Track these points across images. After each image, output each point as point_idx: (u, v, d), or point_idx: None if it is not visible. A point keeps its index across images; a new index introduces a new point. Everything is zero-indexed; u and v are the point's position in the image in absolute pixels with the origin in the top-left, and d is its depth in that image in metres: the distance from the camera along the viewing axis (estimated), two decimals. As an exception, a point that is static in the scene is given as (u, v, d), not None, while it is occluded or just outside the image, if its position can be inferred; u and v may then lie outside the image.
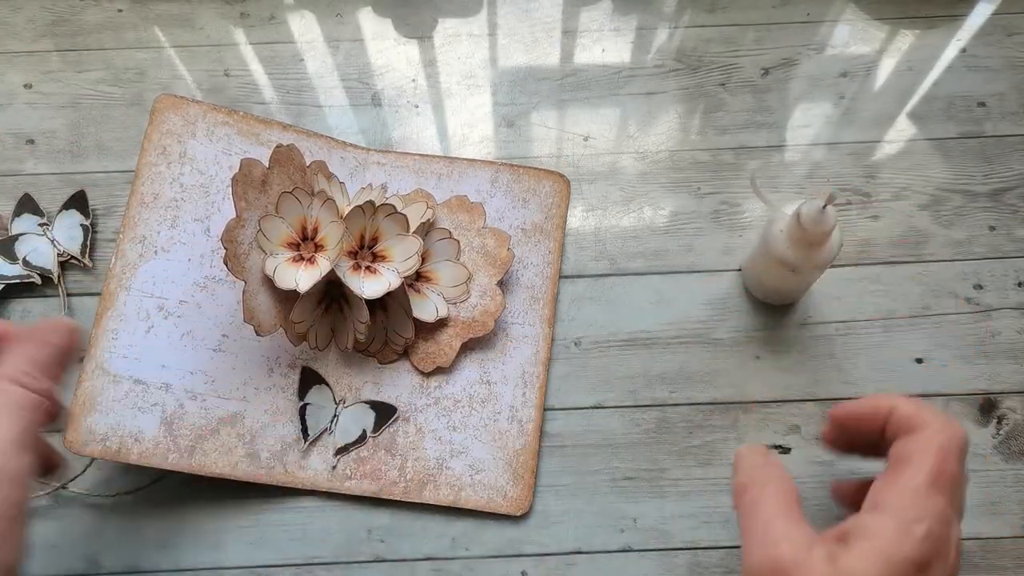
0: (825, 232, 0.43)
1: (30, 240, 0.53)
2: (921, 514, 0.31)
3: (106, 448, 0.46)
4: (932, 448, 0.33)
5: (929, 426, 0.34)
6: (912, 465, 0.33)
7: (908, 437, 0.34)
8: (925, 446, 0.33)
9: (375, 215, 0.48)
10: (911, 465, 0.33)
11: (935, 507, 0.31)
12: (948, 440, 0.33)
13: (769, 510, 0.34)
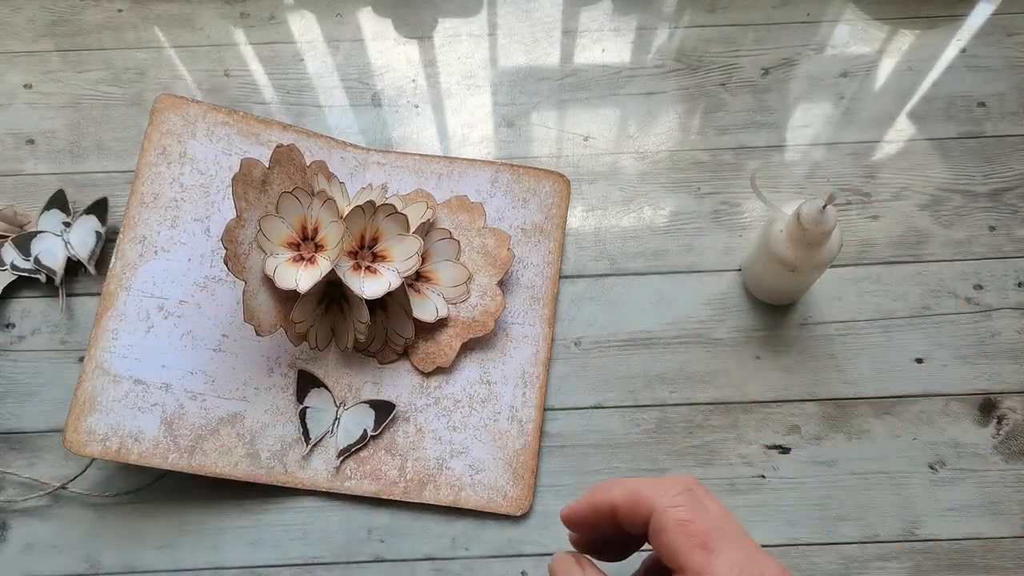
0: (825, 232, 0.43)
1: (46, 239, 0.53)
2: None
3: (106, 448, 0.46)
4: (677, 531, 0.27)
5: (651, 500, 0.28)
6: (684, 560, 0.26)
7: (653, 531, 0.28)
8: (672, 536, 0.27)
9: (375, 215, 0.48)
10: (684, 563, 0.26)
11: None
12: (678, 505, 0.27)
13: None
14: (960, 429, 0.50)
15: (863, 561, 0.47)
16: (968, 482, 0.48)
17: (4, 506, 0.48)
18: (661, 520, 0.27)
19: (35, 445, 0.50)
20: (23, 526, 0.48)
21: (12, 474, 0.49)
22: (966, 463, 0.49)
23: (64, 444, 0.46)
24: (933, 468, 0.49)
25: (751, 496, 0.48)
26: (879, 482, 0.49)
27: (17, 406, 0.51)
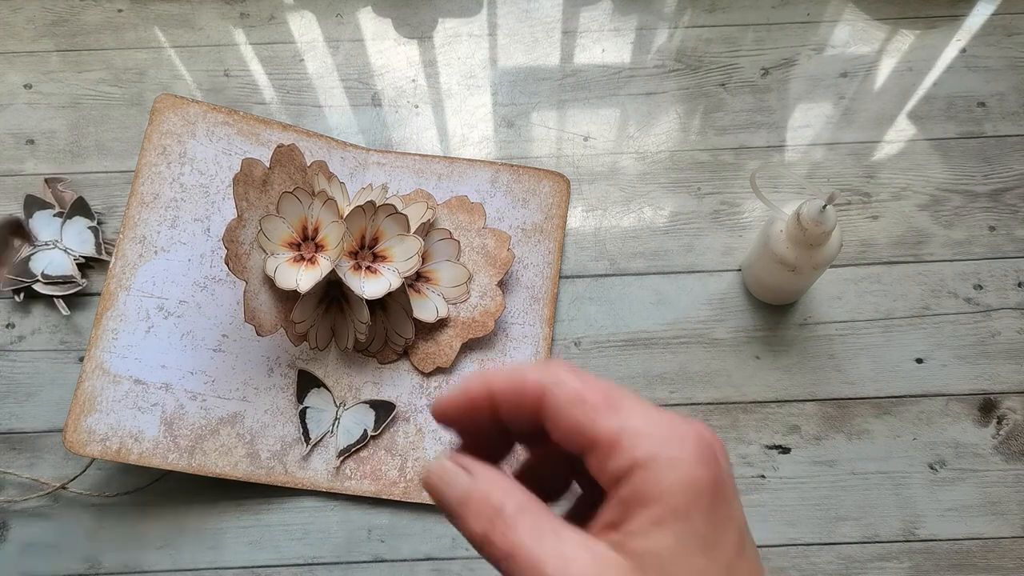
0: (825, 232, 0.43)
1: (42, 255, 0.53)
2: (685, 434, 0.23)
3: (106, 448, 0.46)
4: (576, 403, 0.23)
5: (538, 382, 0.24)
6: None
7: (549, 414, 0.24)
8: (572, 410, 0.23)
9: (376, 215, 0.48)
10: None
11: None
12: (566, 380, 0.23)
13: (528, 543, 0.23)
14: (960, 429, 0.50)
15: (863, 561, 0.47)
16: (968, 482, 0.48)
17: (4, 506, 0.48)
18: (555, 398, 0.24)
19: (35, 445, 0.50)
20: (23, 526, 0.48)
21: (12, 474, 0.49)
22: (966, 463, 0.49)
23: (64, 444, 0.46)
24: (933, 468, 0.49)
25: (751, 496, 0.48)
26: (879, 482, 0.49)
27: (17, 406, 0.51)
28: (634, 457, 0.23)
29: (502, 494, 0.23)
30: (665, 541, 0.22)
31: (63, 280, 0.52)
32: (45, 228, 0.54)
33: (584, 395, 0.24)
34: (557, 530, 0.23)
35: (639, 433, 0.23)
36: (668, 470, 0.23)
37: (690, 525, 0.22)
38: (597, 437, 0.23)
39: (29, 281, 0.52)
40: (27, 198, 0.54)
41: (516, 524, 0.23)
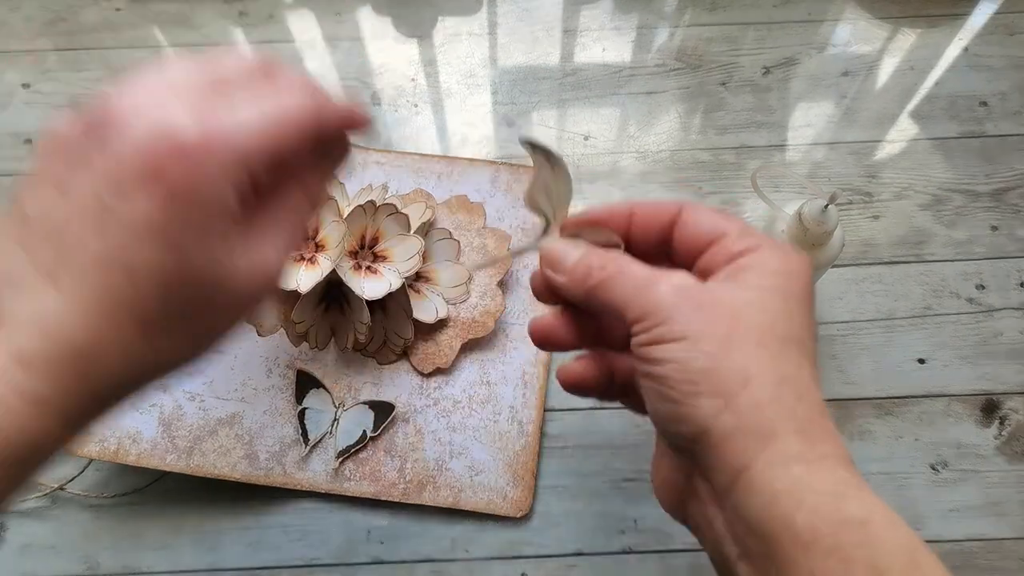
0: (827, 232, 0.43)
1: None
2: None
3: (104, 449, 0.46)
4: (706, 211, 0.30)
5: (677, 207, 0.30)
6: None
7: (682, 220, 0.30)
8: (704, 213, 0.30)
9: (376, 215, 0.48)
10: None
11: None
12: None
13: (634, 268, 0.29)
14: (962, 430, 0.49)
15: (865, 562, 0.47)
16: (970, 483, 0.48)
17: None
18: (694, 207, 0.30)
19: (33, 446, 0.50)
20: (21, 527, 0.48)
21: (10, 475, 0.49)
22: (968, 464, 0.49)
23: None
24: (935, 469, 0.49)
25: (752, 497, 0.48)
26: (881, 483, 0.48)
27: (15, 407, 0.50)
28: (755, 242, 0.29)
29: (608, 256, 0.29)
30: (768, 281, 0.28)
31: None
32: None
33: (715, 210, 0.30)
34: (665, 270, 0.28)
35: (757, 233, 0.29)
36: (780, 254, 0.28)
37: (789, 282, 0.28)
38: (728, 230, 0.29)
39: None
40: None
41: (620, 260, 0.29)
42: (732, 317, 0.27)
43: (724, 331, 0.26)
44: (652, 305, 0.27)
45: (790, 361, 0.27)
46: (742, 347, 0.26)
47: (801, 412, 0.26)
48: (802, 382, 0.27)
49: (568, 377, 0.33)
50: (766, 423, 0.26)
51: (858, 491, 0.26)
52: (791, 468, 0.25)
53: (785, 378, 0.26)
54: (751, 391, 0.26)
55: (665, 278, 0.28)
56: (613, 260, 0.29)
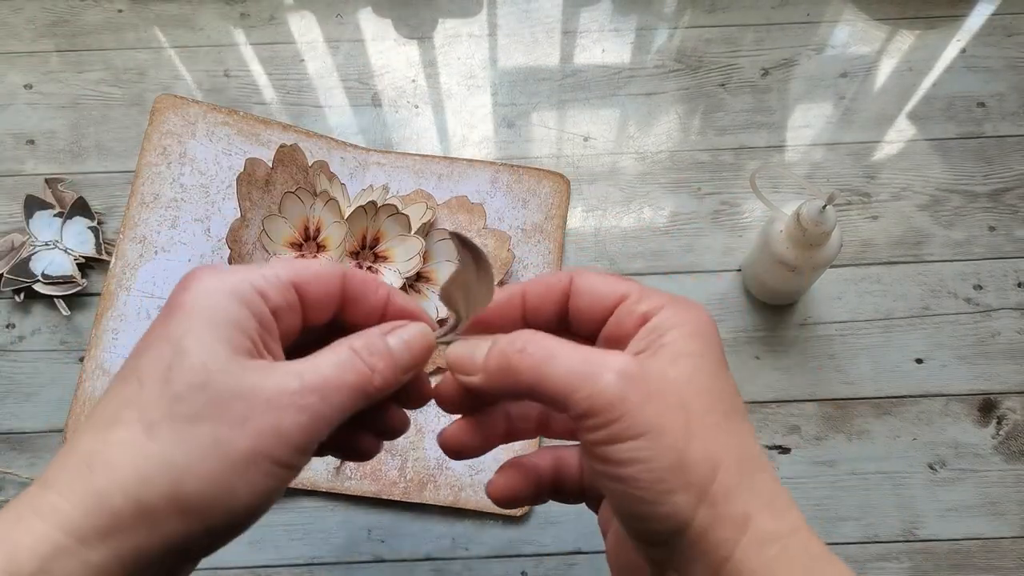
0: (825, 232, 0.43)
1: (42, 256, 0.53)
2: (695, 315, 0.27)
3: (106, 448, 0.46)
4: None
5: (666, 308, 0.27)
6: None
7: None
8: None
9: (377, 215, 0.48)
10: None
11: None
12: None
13: (556, 347, 0.26)
14: (960, 429, 0.50)
15: (863, 561, 0.47)
16: (968, 482, 0.48)
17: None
18: (584, 276, 0.29)
19: (35, 445, 0.50)
20: (23, 526, 0.48)
21: (12, 474, 0.49)
22: (966, 463, 0.49)
23: (64, 444, 0.46)
24: (933, 468, 0.49)
25: (751, 496, 0.48)
26: (879, 482, 0.49)
27: (17, 406, 0.51)
28: (659, 301, 0.27)
29: (522, 336, 0.27)
30: (695, 345, 0.27)
31: (63, 280, 0.52)
32: (45, 228, 0.54)
33: (606, 274, 0.29)
34: (593, 348, 0.27)
35: (655, 291, 0.28)
36: (686, 313, 0.27)
37: (708, 345, 0.27)
38: (629, 291, 0.28)
39: (29, 281, 0.52)
40: (27, 198, 0.54)
41: (540, 340, 0.27)
42: (682, 403, 0.25)
43: (681, 420, 0.25)
44: (602, 399, 0.25)
45: (739, 433, 0.26)
46: (701, 433, 0.25)
47: (763, 485, 0.26)
48: (754, 452, 0.26)
49: (499, 494, 0.32)
50: (740, 508, 0.25)
51: (829, 564, 0.25)
52: (767, 549, 0.25)
53: (743, 455, 0.26)
54: (721, 478, 0.25)
55: (605, 364, 0.26)
56: (530, 340, 0.27)
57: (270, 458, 0.24)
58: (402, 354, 0.28)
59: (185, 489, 0.23)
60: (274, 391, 0.24)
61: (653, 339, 0.27)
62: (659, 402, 0.25)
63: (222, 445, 0.24)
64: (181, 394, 0.24)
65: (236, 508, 0.24)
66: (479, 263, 0.28)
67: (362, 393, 0.26)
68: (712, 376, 0.26)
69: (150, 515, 0.23)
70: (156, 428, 0.23)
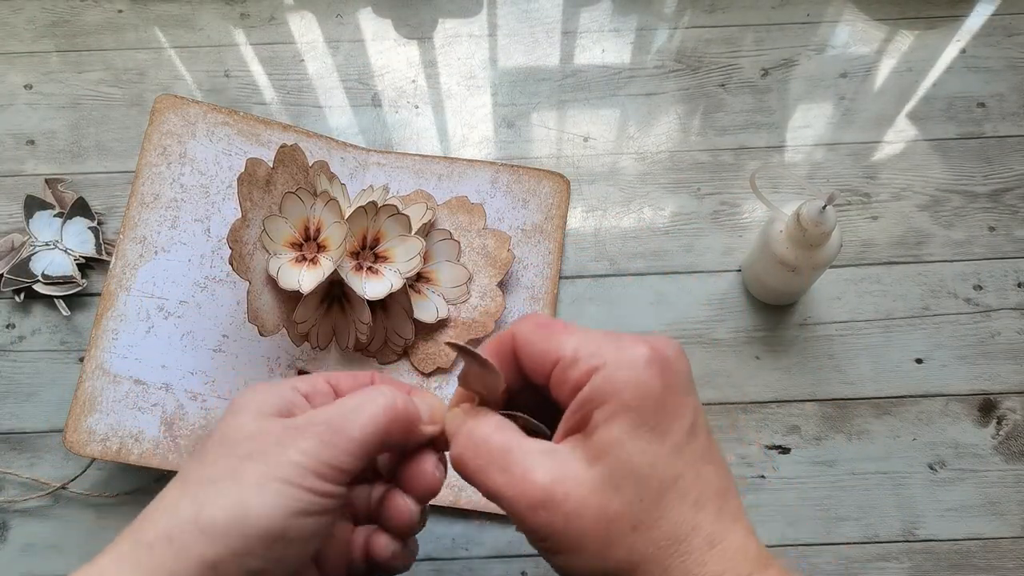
0: (825, 232, 0.43)
1: (42, 256, 0.53)
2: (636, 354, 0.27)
3: (106, 448, 0.46)
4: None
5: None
6: None
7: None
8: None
9: (377, 216, 0.48)
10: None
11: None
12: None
13: (498, 455, 0.28)
14: (960, 429, 0.50)
15: (863, 561, 0.47)
16: (968, 482, 0.48)
17: (4, 506, 0.48)
18: (522, 332, 0.30)
19: (35, 445, 0.50)
20: (23, 526, 0.48)
21: (12, 474, 0.49)
22: (966, 463, 0.49)
23: (64, 444, 0.46)
24: (933, 468, 0.49)
25: (751, 496, 0.48)
26: (879, 482, 0.49)
27: (17, 406, 0.51)
28: (591, 365, 0.27)
29: (483, 427, 0.29)
30: (618, 430, 0.27)
31: (63, 280, 0.52)
32: (45, 228, 0.54)
33: (545, 322, 0.30)
34: (522, 445, 0.28)
35: (594, 349, 0.28)
36: (619, 372, 0.27)
37: (640, 416, 0.27)
38: (561, 354, 0.28)
39: (29, 281, 0.52)
40: (27, 198, 0.54)
41: (489, 445, 0.29)
42: (600, 513, 0.26)
43: (600, 532, 0.26)
44: (529, 524, 0.27)
45: (672, 514, 0.26)
46: (618, 540, 0.26)
47: (694, 560, 0.26)
48: (685, 526, 0.26)
49: None
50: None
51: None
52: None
53: (671, 539, 0.26)
54: (643, 572, 0.26)
55: (525, 493, 0.27)
56: (475, 440, 0.29)
57: (279, 479, 0.27)
58: (412, 405, 0.31)
59: (204, 513, 0.26)
60: (285, 425, 0.28)
61: (580, 420, 0.28)
62: (577, 522, 0.26)
63: (236, 474, 0.27)
64: (207, 450, 0.28)
65: (251, 527, 0.26)
66: (485, 367, 0.30)
67: (373, 420, 0.29)
68: (640, 451, 0.26)
69: (176, 540, 0.26)
70: (186, 483, 0.28)
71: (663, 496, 0.27)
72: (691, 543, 0.26)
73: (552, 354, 0.29)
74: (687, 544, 0.26)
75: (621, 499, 0.26)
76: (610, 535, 0.26)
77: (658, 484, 0.27)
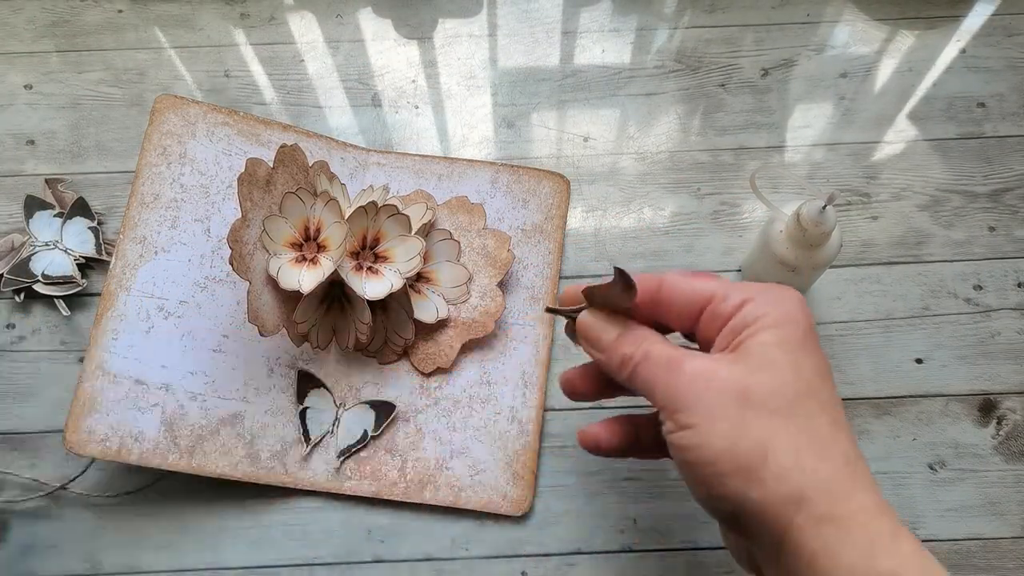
0: (825, 232, 0.43)
1: (42, 256, 0.53)
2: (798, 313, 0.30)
3: (106, 448, 0.46)
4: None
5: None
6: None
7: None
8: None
9: (377, 216, 0.48)
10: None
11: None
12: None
13: (664, 351, 0.31)
14: (960, 429, 0.50)
15: (863, 561, 0.47)
16: (968, 482, 0.48)
17: (4, 506, 0.48)
18: (673, 276, 0.33)
19: (35, 445, 0.50)
20: (23, 526, 0.48)
21: (12, 474, 0.49)
22: (966, 463, 0.49)
23: (64, 444, 0.46)
24: (933, 468, 0.49)
25: (751, 496, 0.48)
26: (879, 482, 0.48)
27: (17, 406, 0.51)
28: (743, 297, 0.30)
29: (639, 334, 0.32)
30: (765, 337, 0.29)
31: (63, 280, 0.52)
32: (45, 228, 0.54)
33: (693, 272, 0.33)
34: (684, 351, 0.31)
35: (745, 288, 0.31)
36: (769, 303, 0.30)
37: (785, 333, 0.29)
38: (714, 292, 0.31)
39: (29, 281, 0.52)
40: (27, 198, 0.54)
41: (656, 345, 0.31)
42: (741, 393, 0.28)
43: (736, 409, 0.28)
44: (672, 392, 0.29)
45: (805, 419, 0.28)
46: (755, 421, 0.28)
47: (825, 471, 0.27)
48: (821, 437, 0.28)
49: (587, 439, 0.37)
50: (793, 490, 0.27)
51: (891, 542, 0.26)
52: (823, 529, 0.26)
53: (802, 439, 0.27)
54: (773, 461, 0.27)
55: (682, 364, 0.30)
56: (641, 341, 0.32)
57: None
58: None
59: None
60: None
61: (731, 339, 0.30)
62: (718, 394, 0.28)
63: None
64: None
65: None
66: (627, 286, 0.32)
67: None
68: (786, 362, 0.29)
69: None
70: None
71: (800, 399, 0.28)
72: (831, 452, 0.28)
73: (706, 292, 0.31)
74: (829, 451, 0.28)
75: (758, 381, 0.28)
76: (746, 417, 0.28)
77: (796, 389, 0.28)
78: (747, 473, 0.27)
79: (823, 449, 0.28)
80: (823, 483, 0.27)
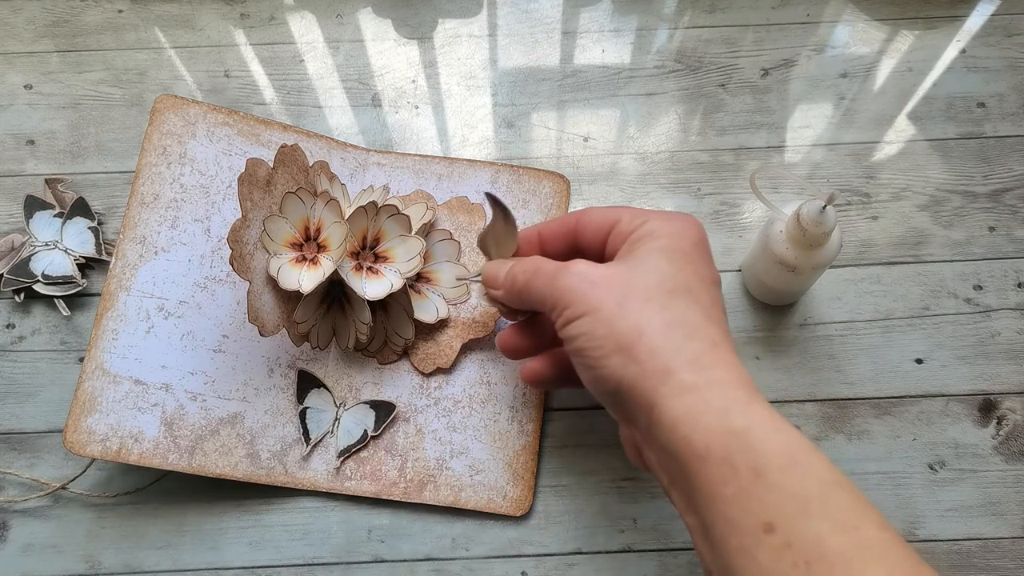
0: (825, 232, 0.43)
1: (42, 256, 0.53)
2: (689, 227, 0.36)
3: (106, 448, 0.46)
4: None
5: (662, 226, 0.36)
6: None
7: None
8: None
9: (377, 216, 0.48)
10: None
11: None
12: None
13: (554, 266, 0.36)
14: (960, 429, 0.50)
15: (863, 561, 0.47)
16: (968, 483, 0.48)
17: (4, 506, 0.48)
18: (590, 211, 0.38)
19: (35, 445, 0.50)
20: (23, 526, 0.48)
21: (12, 474, 0.49)
22: (966, 463, 0.49)
23: (64, 444, 0.46)
24: (933, 468, 0.49)
25: (751, 496, 0.48)
26: (879, 482, 0.49)
27: (17, 406, 0.51)
28: (643, 219, 0.35)
29: (533, 260, 0.38)
30: (651, 245, 0.34)
31: (63, 280, 0.52)
32: (45, 228, 0.54)
33: (608, 206, 0.38)
34: (571, 261, 0.35)
35: (645, 213, 0.36)
36: (663, 221, 0.35)
37: (671, 244, 0.34)
38: (620, 216, 0.36)
39: (29, 281, 0.52)
40: (27, 198, 0.54)
41: (535, 261, 0.37)
42: (623, 285, 0.33)
43: (617, 298, 0.32)
44: (560, 292, 0.34)
45: (677, 308, 0.32)
46: (632, 306, 0.32)
47: (691, 349, 0.31)
48: (690, 323, 0.32)
49: (528, 372, 0.42)
50: (661, 364, 0.30)
51: (745, 406, 0.29)
52: (686, 397, 0.30)
53: (673, 323, 0.31)
54: (645, 340, 0.31)
55: (567, 268, 0.34)
56: (531, 262, 0.37)
57: None
58: None
59: None
60: None
61: (628, 248, 0.35)
62: (602, 287, 0.33)
63: None
64: None
65: None
66: (507, 218, 0.37)
67: None
68: (666, 264, 0.33)
69: None
70: None
71: (676, 293, 0.32)
72: (698, 334, 0.32)
73: (613, 217, 0.37)
74: (696, 334, 0.31)
75: (637, 277, 0.33)
76: (625, 304, 0.32)
77: (672, 285, 0.33)
78: (625, 352, 0.31)
79: (691, 332, 0.31)
80: (687, 358, 0.30)
